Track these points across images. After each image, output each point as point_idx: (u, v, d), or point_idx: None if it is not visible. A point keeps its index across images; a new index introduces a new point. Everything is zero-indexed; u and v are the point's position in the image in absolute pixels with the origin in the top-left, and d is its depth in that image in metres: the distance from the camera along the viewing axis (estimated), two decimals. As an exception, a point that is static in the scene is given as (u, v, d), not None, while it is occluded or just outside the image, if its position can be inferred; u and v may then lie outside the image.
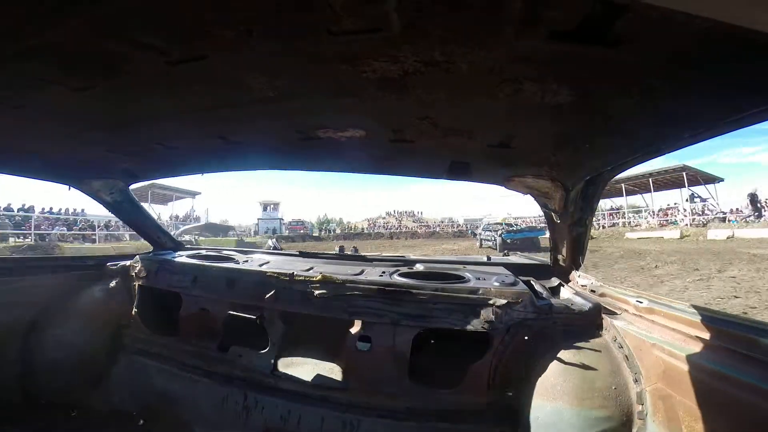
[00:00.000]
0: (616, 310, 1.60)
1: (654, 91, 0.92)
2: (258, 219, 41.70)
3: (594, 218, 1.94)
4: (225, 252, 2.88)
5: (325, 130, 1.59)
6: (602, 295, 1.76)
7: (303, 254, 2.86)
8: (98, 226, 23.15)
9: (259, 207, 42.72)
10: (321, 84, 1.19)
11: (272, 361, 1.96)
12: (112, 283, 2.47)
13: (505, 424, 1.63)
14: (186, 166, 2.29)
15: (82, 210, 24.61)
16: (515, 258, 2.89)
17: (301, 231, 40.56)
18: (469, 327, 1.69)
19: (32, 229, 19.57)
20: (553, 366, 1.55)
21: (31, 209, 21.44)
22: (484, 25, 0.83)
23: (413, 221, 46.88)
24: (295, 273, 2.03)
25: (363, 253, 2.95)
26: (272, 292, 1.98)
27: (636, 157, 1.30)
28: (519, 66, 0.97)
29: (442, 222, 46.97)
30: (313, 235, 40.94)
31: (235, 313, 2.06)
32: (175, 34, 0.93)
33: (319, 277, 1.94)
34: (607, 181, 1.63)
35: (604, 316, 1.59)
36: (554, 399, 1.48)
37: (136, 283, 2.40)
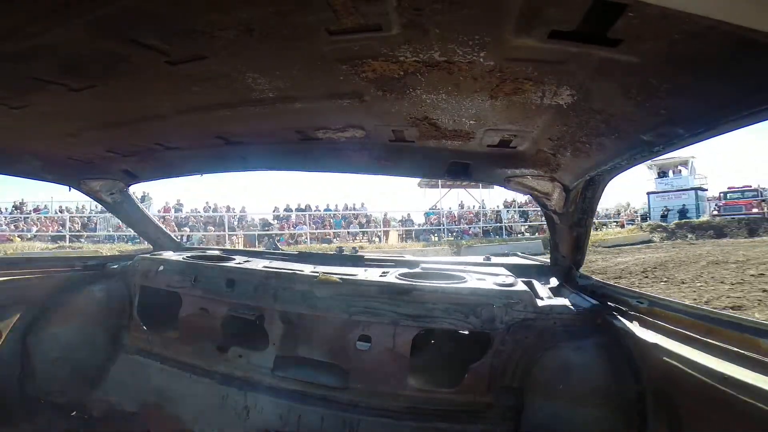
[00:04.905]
0: (616, 311, 1.59)
1: (654, 91, 0.92)
2: (648, 194, 24.35)
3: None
4: (225, 252, 2.88)
5: (325, 131, 1.58)
6: (602, 295, 1.76)
7: (302, 254, 2.87)
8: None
9: (649, 172, 24.52)
10: (321, 84, 1.18)
11: (272, 360, 1.95)
12: (112, 283, 2.47)
13: (505, 424, 1.63)
14: (186, 166, 2.28)
15: (362, 205, 20.56)
16: (516, 258, 2.88)
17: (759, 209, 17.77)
18: (469, 327, 1.69)
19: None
20: (554, 366, 1.54)
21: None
22: (483, 25, 0.82)
23: None
24: (294, 273, 2.03)
25: (362, 254, 2.95)
26: (272, 292, 1.97)
27: (636, 157, 1.30)
28: (519, 66, 0.97)
29: None
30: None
31: (235, 313, 2.05)
32: (175, 35, 0.93)
33: (319, 277, 1.94)
34: (608, 181, 1.63)
35: (604, 316, 1.58)
36: (554, 399, 1.47)
37: (136, 283, 2.40)
